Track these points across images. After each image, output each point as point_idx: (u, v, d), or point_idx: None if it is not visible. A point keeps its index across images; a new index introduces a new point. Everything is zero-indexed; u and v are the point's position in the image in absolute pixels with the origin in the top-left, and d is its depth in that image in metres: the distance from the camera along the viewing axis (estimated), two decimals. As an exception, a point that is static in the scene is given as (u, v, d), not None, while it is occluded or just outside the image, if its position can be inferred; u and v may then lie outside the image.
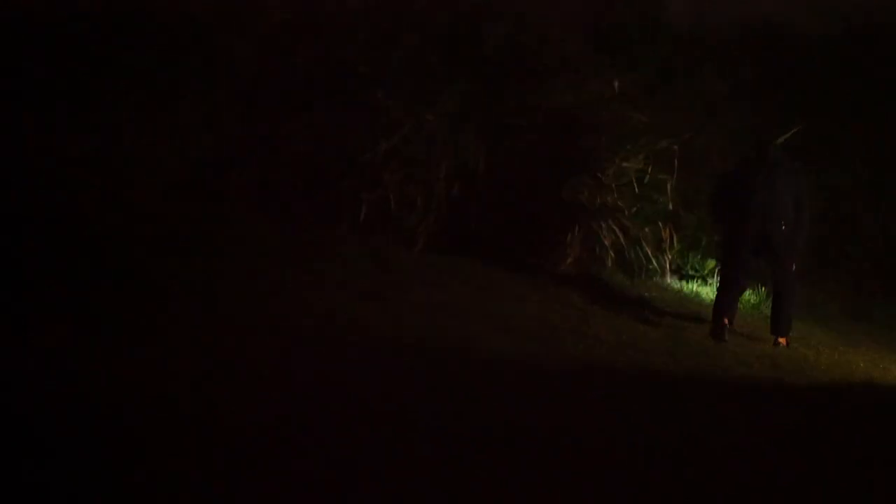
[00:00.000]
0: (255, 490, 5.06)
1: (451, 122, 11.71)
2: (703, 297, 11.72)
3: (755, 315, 11.13)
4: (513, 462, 5.75)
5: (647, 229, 12.13)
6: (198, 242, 9.79)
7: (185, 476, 5.12)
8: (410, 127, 11.56)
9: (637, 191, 12.01)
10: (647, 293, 11.45)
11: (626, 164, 12.07)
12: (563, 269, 11.61)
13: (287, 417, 6.06)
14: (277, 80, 11.61)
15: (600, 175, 11.95)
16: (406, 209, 11.48)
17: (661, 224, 12.15)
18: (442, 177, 11.58)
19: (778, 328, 10.15)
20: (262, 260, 9.80)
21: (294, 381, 6.84)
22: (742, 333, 10.33)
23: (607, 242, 11.85)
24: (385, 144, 11.48)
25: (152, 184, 10.56)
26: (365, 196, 11.32)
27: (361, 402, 6.50)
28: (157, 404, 6.01)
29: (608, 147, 12.01)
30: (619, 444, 6.24)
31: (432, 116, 11.62)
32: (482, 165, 11.74)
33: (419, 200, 11.54)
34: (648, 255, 12.08)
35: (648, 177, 12.06)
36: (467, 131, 11.75)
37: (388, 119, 11.51)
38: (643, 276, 12.03)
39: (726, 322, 10.08)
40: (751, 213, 10.02)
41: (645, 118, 12.14)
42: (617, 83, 12.14)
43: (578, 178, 11.91)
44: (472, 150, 11.74)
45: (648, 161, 12.10)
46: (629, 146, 12.15)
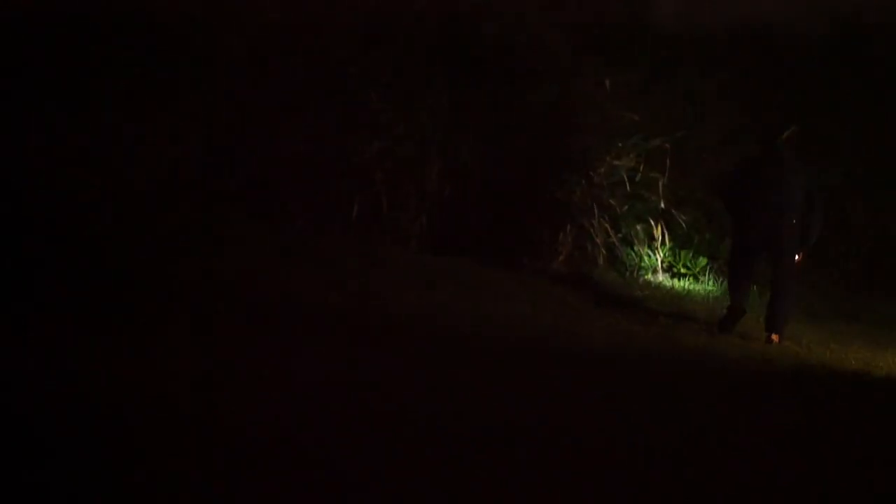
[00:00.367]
0: (255, 490, 5.06)
1: (444, 123, 11.72)
2: (694, 294, 11.72)
3: (747, 314, 11.13)
4: (513, 462, 5.75)
5: (638, 227, 12.18)
6: (198, 242, 9.79)
7: (185, 476, 5.12)
8: (403, 127, 11.58)
9: (629, 189, 12.06)
10: (639, 291, 11.47)
11: (617, 163, 12.13)
12: (555, 267, 11.65)
13: (287, 417, 6.06)
14: (271, 81, 11.62)
15: (592, 174, 12.01)
16: (399, 209, 11.49)
17: (652, 222, 12.19)
18: (434, 177, 11.60)
19: (773, 325, 10.14)
20: (258, 260, 9.80)
21: (294, 381, 6.84)
22: (735, 332, 10.34)
23: (599, 241, 11.90)
24: (377, 144, 11.49)
25: (152, 184, 10.56)
26: (357, 196, 11.32)
27: (361, 402, 6.50)
28: (157, 404, 6.01)
29: (600, 146, 12.09)
30: (619, 444, 6.23)
31: (424, 117, 11.63)
32: (474, 165, 11.76)
33: (412, 200, 11.55)
34: (640, 253, 12.11)
35: (640, 175, 12.12)
36: (459, 131, 11.77)
37: (380, 119, 11.52)
38: (635, 274, 12.07)
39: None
40: (760, 209, 10.02)
41: (637, 117, 12.19)
42: (608, 82, 12.18)
43: (570, 176, 11.96)
44: (465, 150, 11.76)
45: (640, 160, 12.17)
46: (621, 145, 12.23)
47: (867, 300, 12.51)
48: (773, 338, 10.07)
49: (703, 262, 12.53)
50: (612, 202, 12.05)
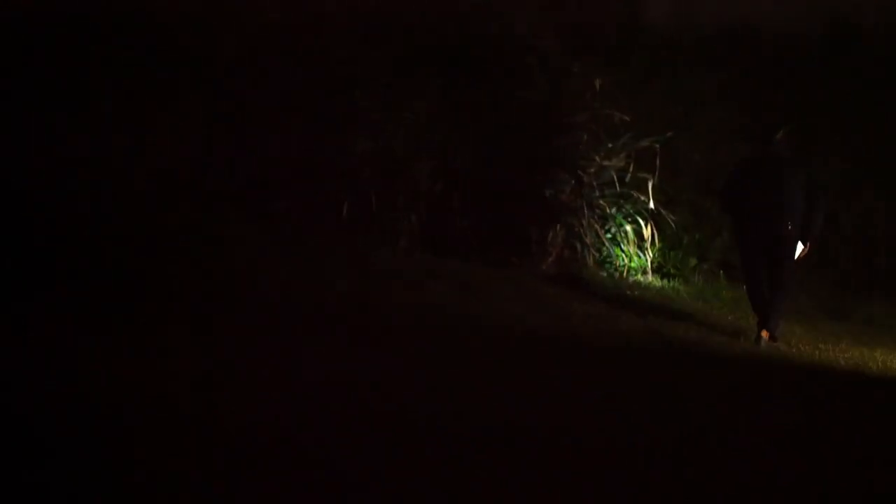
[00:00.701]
0: (255, 490, 5.06)
1: (433, 123, 11.73)
2: (684, 295, 11.73)
3: (737, 314, 11.16)
4: (513, 462, 5.75)
5: (628, 228, 12.18)
6: (198, 242, 9.80)
7: (185, 476, 5.12)
8: (392, 127, 11.58)
9: (619, 189, 12.07)
10: (628, 292, 11.48)
11: (607, 163, 12.15)
12: (544, 268, 11.67)
13: (287, 417, 6.06)
14: (265, 80, 11.61)
15: (582, 174, 12.03)
16: (388, 209, 11.49)
17: (642, 223, 12.20)
18: (424, 177, 11.60)
19: (767, 323, 10.12)
20: (258, 260, 9.81)
21: (294, 381, 6.85)
22: (725, 332, 10.38)
23: (588, 241, 11.90)
24: (366, 144, 11.48)
25: (152, 184, 10.56)
26: (347, 196, 11.31)
27: (361, 402, 6.51)
28: (157, 404, 6.01)
29: (590, 146, 12.09)
30: (619, 444, 6.24)
31: (415, 116, 11.63)
32: (464, 165, 11.77)
33: (401, 200, 11.55)
34: (629, 253, 12.13)
35: (630, 175, 12.12)
36: (449, 131, 11.77)
37: (370, 119, 11.52)
38: (625, 274, 12.08)
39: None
40: (760, 210, 10.03)
41: (627, 117, 12.20)
42: (599, 82, 12.19)
43: (560, 177, 11.97)
44: (454, 150, 11.77)
45: (630, 160, 12.17)
46: (611, 145, 12.23)
47: (854, 299, 12.51)
48: (764, 334, 10.06)
49: (692, 262, 12.55)
50: (602, 202, 12.09)
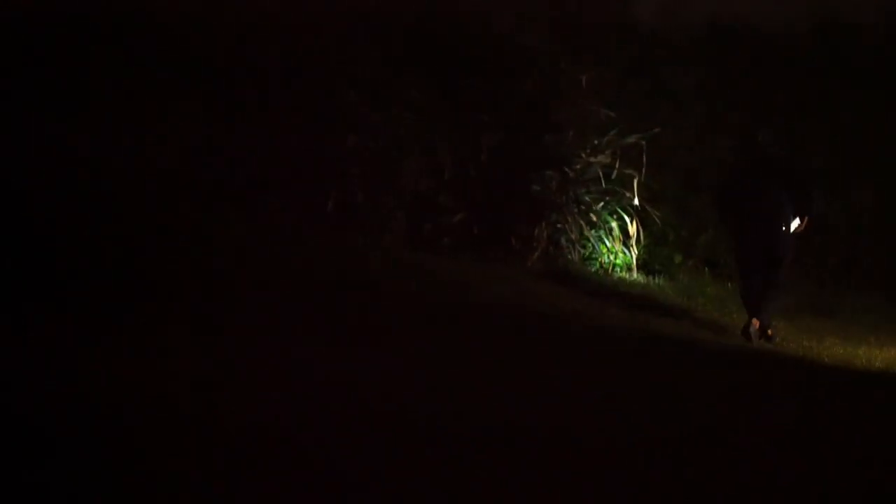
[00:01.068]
0: (255, 490, 5.06)
1: (419, 118, 11.73)
2: (669, 291, 11.75)
3: (722, 311, 11.17)
4: (513, 462, 5.75)
5: (613, 224, 12.20)
6: (198, 242, 9.79)
7: (185, 476, 5.12)
8: (378, 122, 11.59)
9: (604, 186, 12.09)
10: (614, 288, 11.49)
11: (593, 160, 12.17)
12: (530, 264, 11.69)
13: (287, 417, 6.06)
14: (259, 82, 11.61)
15: (568, 170, 12.05)
16: (374, 205, 11.50)
17: (628, 219, 12.22)
18: (410, 172, 11.60)
19: (759, 314, 10.14)
20: (259, 260, 9.81)
21: (294, 381, 6.85)
22: (711, 329, 10.39)
23: (574, 237, 11.93)
24: (352, 139, 11.49)
25: (152, 184, 10.56)
26: (333, 192, 11.32)
27: (361, 402, 6.51)
28: (157, 404, 6.01)
29: (576, 142, 12.13)
30: (619, 444, 6.24)
31: (400, 112, 11.63)
32: (450, 161, 11.78)
33: (387, 196, 11.55)
34: (615, 249, 12.15)
35: (616, 172, 12.14)
36: (435, 127, 11.78)
37: (357, 114, 11.52)
38: (610, 270, 12.10)
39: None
40: (752, 218, 10.15)
41: (613, 114, 12.22)
42: (585, 79, 12.20)
43: (546, 173, 12.00)
44: (440, 146, 11.78)
45: (616, 156, 12.18)
46: (597, 141, 12.26)
47: (838, 296, 12.52)
48: (755, 323, 10.07)
49: (678, 259, 12.58)
50: (588, 199, 12.12)
